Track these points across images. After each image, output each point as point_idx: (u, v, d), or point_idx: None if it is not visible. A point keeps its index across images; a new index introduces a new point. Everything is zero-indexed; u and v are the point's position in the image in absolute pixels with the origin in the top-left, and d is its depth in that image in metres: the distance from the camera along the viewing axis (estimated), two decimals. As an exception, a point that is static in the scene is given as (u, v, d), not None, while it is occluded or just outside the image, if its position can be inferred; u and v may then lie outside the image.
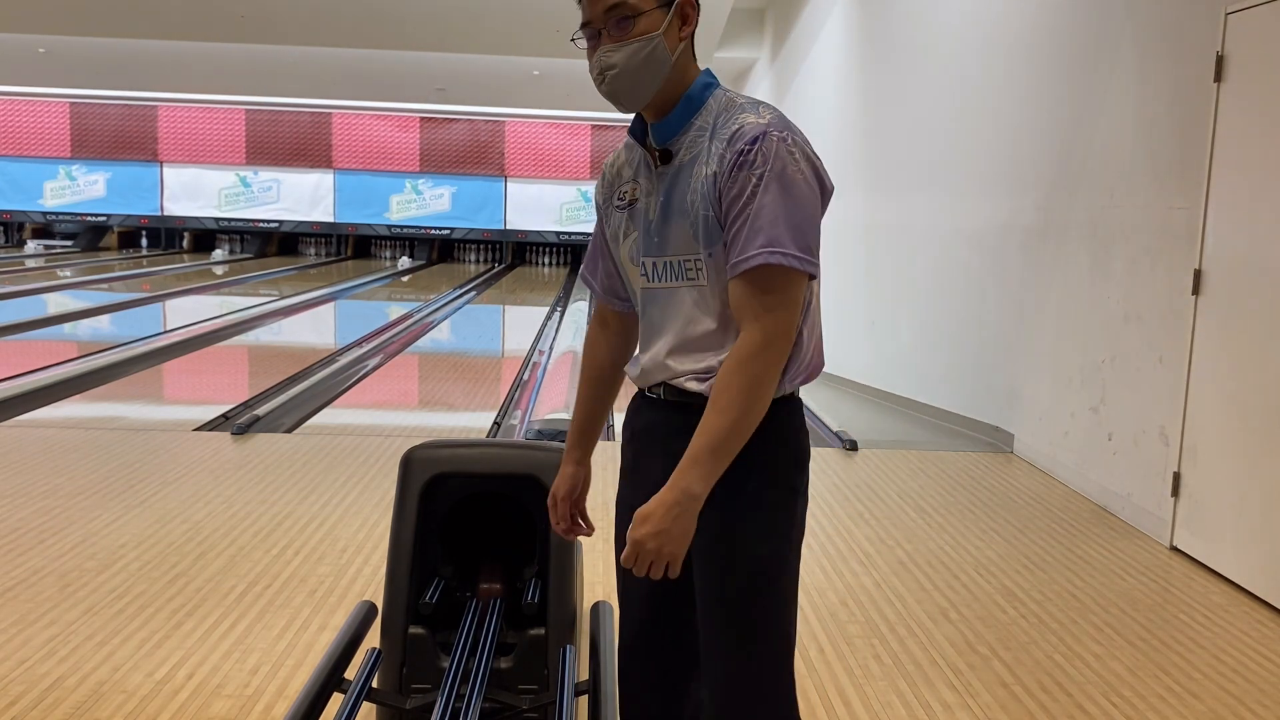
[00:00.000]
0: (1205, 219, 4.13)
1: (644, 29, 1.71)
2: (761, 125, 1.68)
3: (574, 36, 1.78)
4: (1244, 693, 3.03)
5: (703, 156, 1.73)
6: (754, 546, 1.76)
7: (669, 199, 1.77)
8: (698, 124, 1.76)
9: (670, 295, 1.78)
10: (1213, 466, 4.06)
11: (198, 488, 4.68)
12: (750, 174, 1.66)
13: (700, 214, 1.72)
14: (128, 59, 17.06)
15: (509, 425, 6.46)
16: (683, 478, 1.65)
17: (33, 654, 2.99)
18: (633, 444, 1.94)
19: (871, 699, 2.91)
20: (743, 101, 1.75)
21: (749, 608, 1.77)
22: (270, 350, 10.33)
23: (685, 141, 1.76)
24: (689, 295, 1.76)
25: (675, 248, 1.76)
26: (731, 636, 1.78)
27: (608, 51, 1.73)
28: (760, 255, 1.64)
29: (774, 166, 1.66)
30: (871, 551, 4.13)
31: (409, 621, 2.40)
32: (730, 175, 1.67)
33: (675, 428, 1.79)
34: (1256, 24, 3.90)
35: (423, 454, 2.49)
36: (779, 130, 1.68)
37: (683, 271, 1.76)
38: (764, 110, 1.72)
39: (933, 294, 7.06)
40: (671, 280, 1.78)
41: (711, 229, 1.71)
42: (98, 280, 15.63)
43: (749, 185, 1.66)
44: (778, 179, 1.66)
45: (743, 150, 1.66)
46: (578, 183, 21.08)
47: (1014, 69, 5.98)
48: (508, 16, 12.66)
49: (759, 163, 1.65)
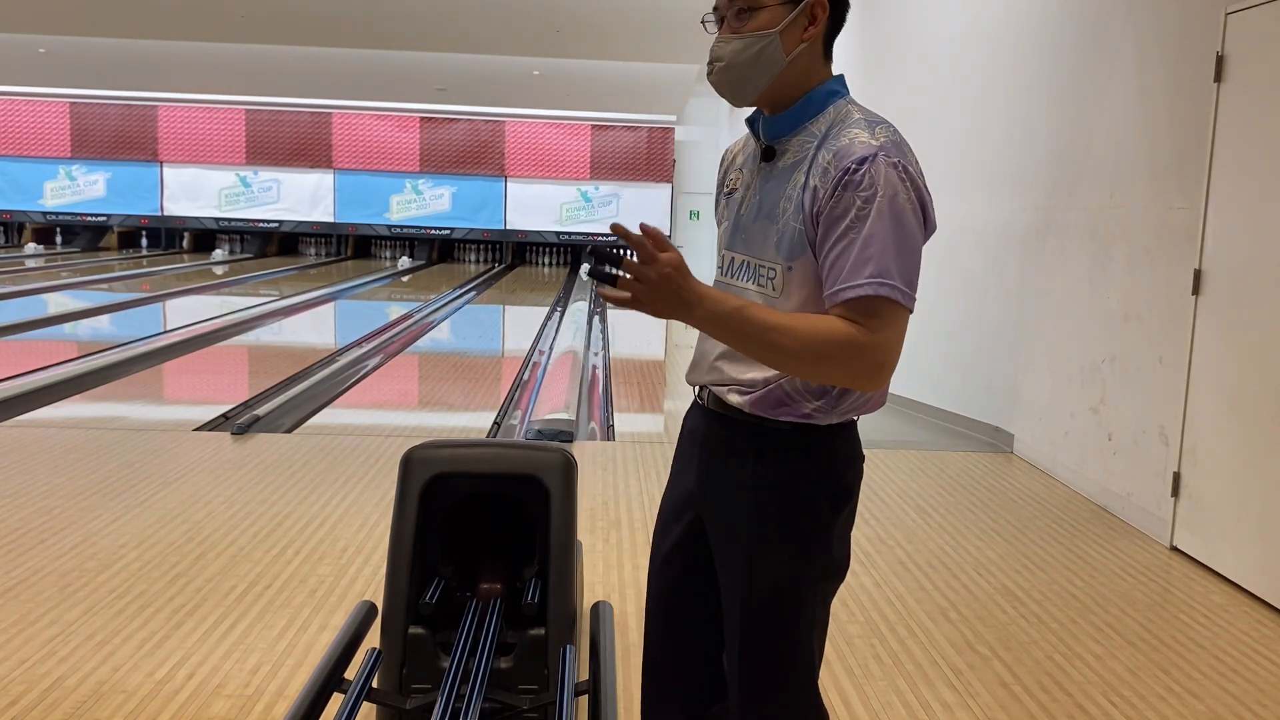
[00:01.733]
0: (1205, 219, 4.13)
1: (762, 24, 1.65)
2: (874, 146, 1.58)
3: (704, 18, 1.74)
4: (1244, 693, 3.04)
5: (804, 164, 1.65)
6: (767, 574, 1.71)
7: (763, 199, 1.71)
8: (811, 129, 1.68)
9: (740, 294, 1.70)
10: (1213, 466, 4.06)
11: (198, 488, 4.68)
12: (856, 196, 1.56)
13: (789, 224, 1.64)
14: (128, 59, 17.06)
15: (509, 425, 6.46)
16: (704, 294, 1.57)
17: (33, 654, 2.99)
18: (679, 445, 1.92)
19: (871, 699, 2.91)
20: (859, 116, 1.66)
21: (761, 628, 1.73)
22: (270, 350, 10.33)
23: (793, 143, 1.69)
24: (756, 299, 1.68)
25: (757, 250, 1.70)
26: (750, 661, 1.75)
27: (720, 42, 1.69)
28: (869, 285, 1.55)
29: (885, 193, 1.56)
30: (871, 551, 4.13)
31: (409, 621, 2.40)
32: (833, 194, 1.58)
33: (712, 437, 1.78)
34: (1256, 24, 3.90)
35: (423, 454, 2.49)
36: (892, 155, 1.59)
37: (757, 276, 1.70)
38: (880, 131, 1.62)
39: (933, 294, 7.04)
40: (745, 280, 1.72)
41: (796, 242, 1.63)
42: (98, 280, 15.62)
43: (853, 207, 1.57)
44: (889, 206, 1.56)
45: (849, 169, 1.57)
46: (578, 183, 21.07)
47: (1014, 69, 5.98)
48: (508, 16, 12.65)
49: (867, 185, 1.56)
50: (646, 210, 20.48)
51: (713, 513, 1.79)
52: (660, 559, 1.91)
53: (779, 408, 1.69)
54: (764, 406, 1.69)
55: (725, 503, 1.76)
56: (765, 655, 1.74)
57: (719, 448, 1.77)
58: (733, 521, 1.74)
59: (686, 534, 1.86)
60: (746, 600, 1.73)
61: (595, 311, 13.22)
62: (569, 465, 2.48)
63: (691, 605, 1.87)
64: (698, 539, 1.84)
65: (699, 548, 1.83)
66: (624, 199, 20.92)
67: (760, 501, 1.71)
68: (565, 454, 2.50)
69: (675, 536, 1.88)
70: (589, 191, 20.98)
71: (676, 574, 1.88)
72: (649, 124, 20.83)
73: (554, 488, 2.45)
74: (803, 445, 1.70)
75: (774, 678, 1.75)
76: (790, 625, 1.73)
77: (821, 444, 1.71)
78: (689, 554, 1.85)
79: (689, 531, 1.85)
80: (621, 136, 20.94)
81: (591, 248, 1.58)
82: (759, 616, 1.73)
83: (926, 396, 6.91)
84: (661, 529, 1.92)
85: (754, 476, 1.72)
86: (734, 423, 1.73)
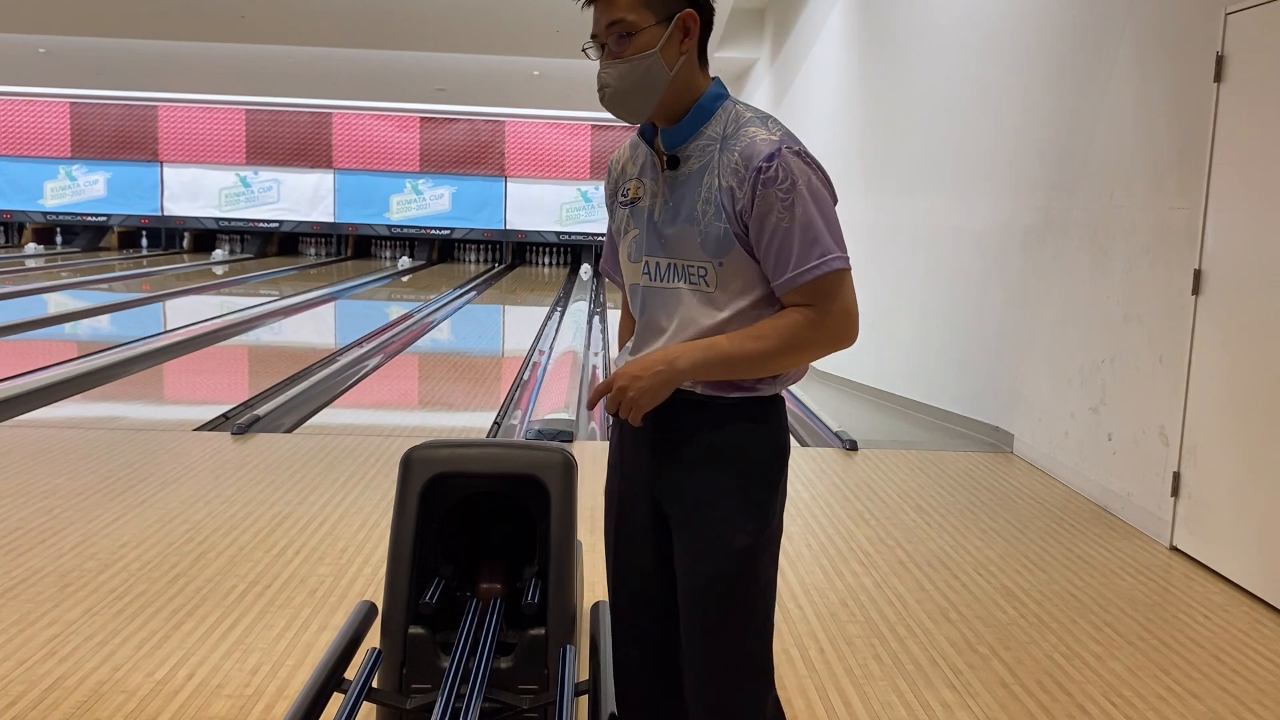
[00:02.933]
0: (1205, 219, 4.13)
1: (642, 45, 1.74)
2: (775, 141, 1.73)
3: (585, 47, 1.81)
4: (1244, 693, 3.03)
5: (712, 167, 1.76)
6: (734, 540, 1.80)
7: (678, 205, 1.80)
8: (708, 133, 1.79)
9: (672, 294, 1.81)
10: (1213, 466, 4.06)
11: (198, 488, 4.68)
12: (776, 190, 1.71)
13: (712, 224, 1.75)
14: (128, 59, 17.06)
15: (509, 425, 6.46)
16: (679, 351, 1.75)
17: (33, 654, 2.99)
18: (621, 438, 1.97)
19: (871, 699, 2.91)
20: (750, 115, 1.79)
21: (727, 597, 1.82)
22: (270, 350, 10.33)
23: (694, 149, 1.79)
24: (690, 296, 1.79)
25: (681, 252, 1.80)
26: (711, 624, 1.82)
27: (606, 69, 1.77)
28: (823, 264, 1.72)
29: (800, 180, 1.72)
30: (871, 551, 4.13)
31: (409, 621, 2.40)
32: (753, 191, 1.72)
33: (663, 423, 1.83)
34: (1256, 24, 3.90)
35: (423, 454, 2.49)
36: (792, 144, 1.74)
37: (687, 274, 1.80)
38: (772, 125, 1.77)
39: (933, 294, 7.06)
40: (675, 281, 1.81)
41: (723, 240, 1.75)
42: (98, 280, 15.62)
43: (777, 201, 1.71)
44: (807, 191, 1.72)
45: (761, 168, 1.71)
46: (578, 183, 21.08)
47: (1014, 69, 5.98)
48: (508, 16, 12.66)
49: (782, 178, 1.71)
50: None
51: (673, 491, 1.86)
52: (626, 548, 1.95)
53: (730, 387, 1.80)
54: (717, 387, 1.80)
55: (683, 480, 1.84)
56: (728, 624, 1.82)
57: (670, 430, 1.84)
58: (695, 493, 1.82)
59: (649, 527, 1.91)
60: (713, 572, 1.80)
61: (595, 312, 13.22)
62: (569, 465, 2.48)
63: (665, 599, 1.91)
64: (660, 530, 1.90)
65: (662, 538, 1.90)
66: (624, 199, 20.89)
67: (718, 471, 1.81)
68: (565, 454, 2.50)
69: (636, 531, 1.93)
70: (589, 191, 20.98)
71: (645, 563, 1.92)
72: (649, 124, 20.80)
73: (554, 488, 2.45)
74: (748, 414, 1.82)
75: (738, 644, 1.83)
76: (751, 591, 1.83)
77: (764, 411, 1.84)
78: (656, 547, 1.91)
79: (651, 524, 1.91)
80: (622, 136, 20.79)
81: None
82: (724, 586, 1.81)
83: (926, 396, 6.91)
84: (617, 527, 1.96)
85: (708, 447, 1.82)
86: (682, 404, 1.81)
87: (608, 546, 2.00)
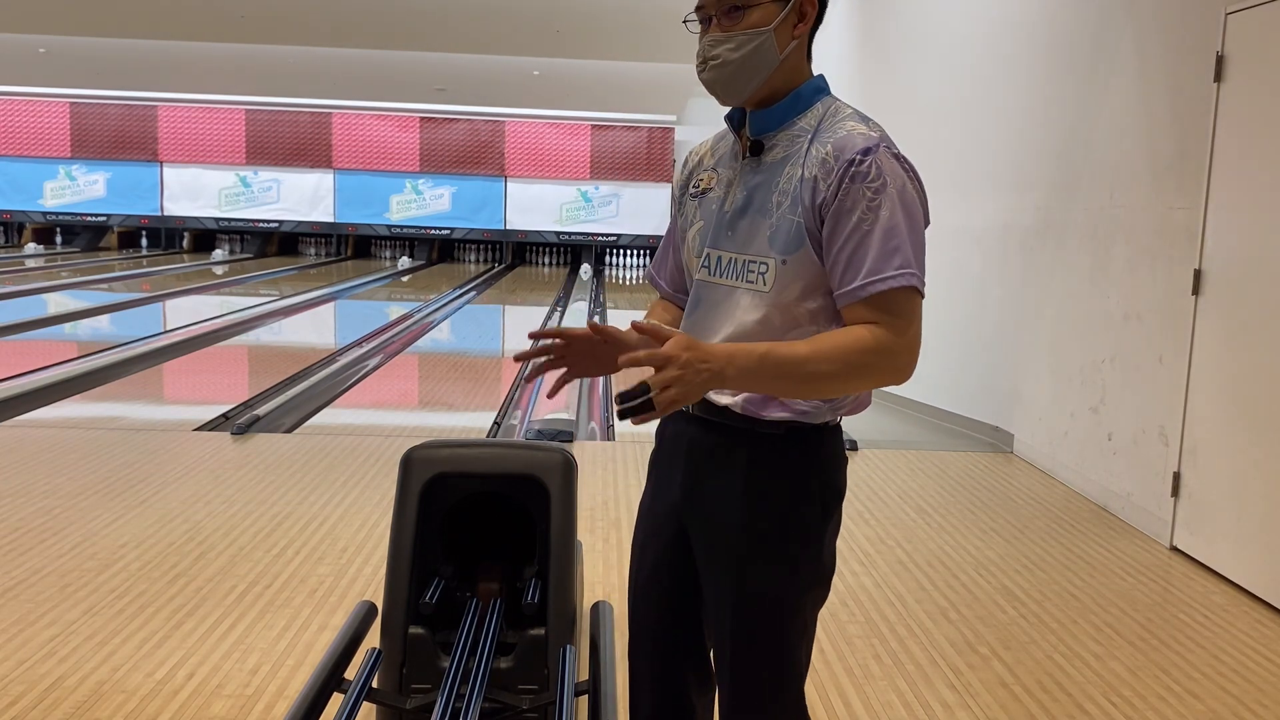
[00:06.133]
0: (1205, 219, 4.13)
1: (755, 22, 1.63)
2: (874, 138, 1.59)
3: (686, 18, 1.72)
4: (1244, 693, 3.04)
5: (797, 158, 1.63)
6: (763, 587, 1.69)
7: (751, 194, 1.67)
8: (800, 124, 1.67)
9: (727, 295, 1.69)
10: (1213, 466, 4.06)
11: (198, 488, 4.68)
12: (865, 187, 1.56)
13: (785, 217, 1.62)
14: (128, 59, 17.06)
15: (509, 425, 6.46)
16: (728, 354, 1.52)
17: (33, 654, 2.99)
18: (658, 452, 1.87)
19: (871, 699, 2.91)
20: (850, 111, 1.67)
21: (759, 648, 1.71)
22: (270, 350, 10.33)
23: (782, 139, 1.68)
24: (745, 299, 1.66)
25: (747, 245, 1.67)
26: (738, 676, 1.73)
27: (714, 41, 1.66)
28: (900, 276, 1.55)
29: (894, 183, 1.57)
30: (871, 551, 4.13)
31: (409, 621, 2.40)
32: (839, 185, 1.57)
33: (699, 441, 1.74)
34: (1256, 24, 3.90)
35: (423, 454, 2.49)
36: (892, 147, 1.60)
37: (746, 272, 1.66)
38: (873, 125, 1.64)
39: (933, 294, 7.02)
40: (733, 278, 1.68)
41: (794, 235, 1.61)
42: (98, 280, 15.62)
43: (863, 199, 1.56)
44: (899, 196, 1.57)
45: (854, 160, 1.57)
46: (578, 183, 21.08)
47: (1014, 69, 5.98)
48: (508, 16, 12.65)
49: (874, 176, 1.56)
50: (646, 210, 20.50)
51: (701, 523, 1.75)
52: (647, 571, 1.87)
53: (771, 403, 1.66)
54: (756, 403, 1.67)
55: (716, 513, 1.72)
56: (756, 665, 1.72)
57: (707, 456, 1.72)
58: (723, 531, 1.70)
59: (672, 547, 1.81)
60: (739, 608, 1.70)
61: (595, 311, 13.22)
62: (569, 465, 2.48)
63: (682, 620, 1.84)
64: (684, 551, 1.80)
65: (685, 560, 1.80)
66: (624, 199, 20.92)
67: (753, 512, 1.67)
68: (565, 454, 2.50)
69: (659, 549, 1.84)
70: (589, 191, 20.98)
71: (665, 588, 1.84)
72: (649, 124, 20.83)
73: (554, 488, 2.44)
74: (794, 450, 1.68)
75: (764, 687, 1.72)
76: (782, 635, 1.71)
77: (812, 446, 1.69)
78: (676, 567, 1.82)
79: (675, 544, 1.81)
80: (621, 136, 20.94)
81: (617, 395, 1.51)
82: (751, 625, 1.70)
83: (926, 396, 6.91)
84: (643, 542, 1.88)
85: (746, 485, 1.68)
86: (722, 427, 1.69)
87: (632, 554, 1.91)
